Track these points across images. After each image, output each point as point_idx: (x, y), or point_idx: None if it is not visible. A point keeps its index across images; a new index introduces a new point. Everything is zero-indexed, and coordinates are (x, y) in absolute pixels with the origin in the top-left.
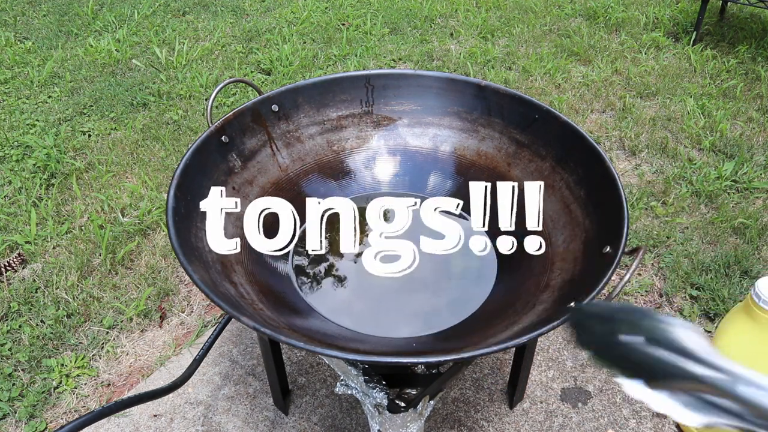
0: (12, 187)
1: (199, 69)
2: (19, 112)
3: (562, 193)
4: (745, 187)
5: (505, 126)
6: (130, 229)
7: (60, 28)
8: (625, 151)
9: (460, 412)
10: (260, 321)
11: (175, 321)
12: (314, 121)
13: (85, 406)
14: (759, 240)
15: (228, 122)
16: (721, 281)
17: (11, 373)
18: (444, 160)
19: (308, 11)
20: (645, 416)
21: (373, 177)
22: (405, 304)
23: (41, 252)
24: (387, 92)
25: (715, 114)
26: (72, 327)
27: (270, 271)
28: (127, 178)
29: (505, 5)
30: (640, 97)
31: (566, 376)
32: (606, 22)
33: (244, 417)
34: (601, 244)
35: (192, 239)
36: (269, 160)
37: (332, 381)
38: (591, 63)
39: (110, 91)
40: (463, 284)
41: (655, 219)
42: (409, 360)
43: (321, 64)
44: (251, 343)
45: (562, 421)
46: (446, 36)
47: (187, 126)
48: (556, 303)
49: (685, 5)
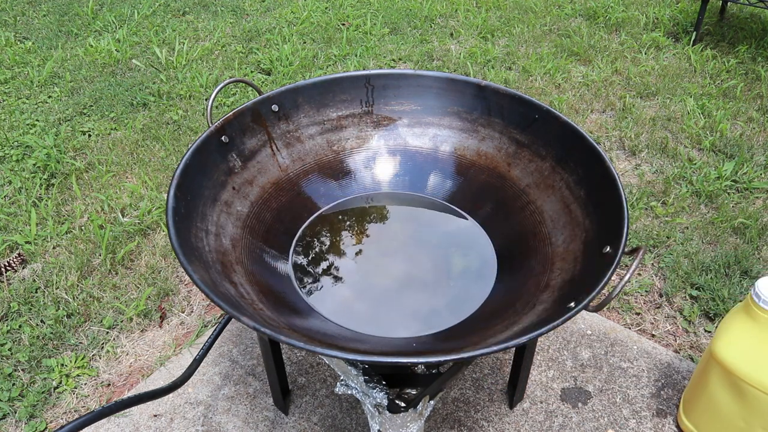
0: (12, 187)
1: (199, 69)
2: (19, 112)
3: (562, 193)
4: (745, 187)
5: (505, 126)
6: (130, 229)
7: (60, 28)
8: (625, 151)
9: (460, 412)
10: (260, 321)
11: (175, 321)
12: (314, 121)
13: (85, 406)
14: (759, 240)
15: (228, 122)
16: (721, 281)
17: (11, 373)
18: (444, 160)
19: (308, 11)
20: (645, 416)
21: (373, 177)
22: (405, 304)
23: (41, 252)
24: (387, 92)
25: (715, 114)
26: (72, 327)
27: (270, 271)
28: (127, 178)
29: (505, 5)
30: (640, 97)
31: (566, 376)
32: (606, 22)
33: (244, 417)
34: (601, 244)
35: (192, 239)
36: (269, 160)
37: (332, 381)
38: (591, 63)
39: (110, 91)
40: (463, 284)
41: (655, 219)
42: (409, 360)
43: (321, 64)
44: (251, 343)
45: (562, 421)
46: (446, 36)
47: (187, 126)
48: (556, 303)
49: (685, 5)
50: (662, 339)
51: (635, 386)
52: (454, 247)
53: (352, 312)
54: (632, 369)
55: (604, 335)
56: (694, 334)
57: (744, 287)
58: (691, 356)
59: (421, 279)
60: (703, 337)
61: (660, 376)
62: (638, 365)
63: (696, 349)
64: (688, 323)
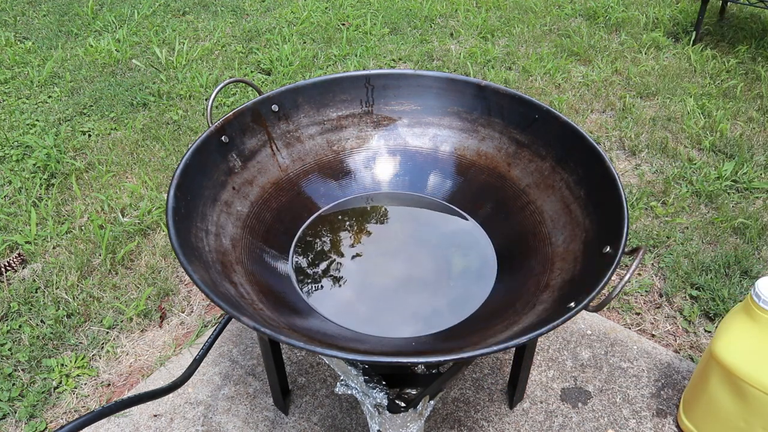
0: (12, 187)
1: (199, 69)
2: (19, 112)
3: (562, 193)
4: (745, 187)
5: (505, 126)
6: (130, 229)
7: (60, 28)
8: (625, 151)
9: (460, 412)
10: (260, 321)
11: (175, 321)
12: (314, 121)
13: (85, 406)
14: (759, 240)
15: (228, 122)
16: (721, 281)
17: (11, 373)
18: (444, 160)
19: (308, 11)
20: (645, 416)
21: (373, 177)
22: (405, 304)
23: (41, 252)
24: (387, 92)
25: (715, 114)
26: (72, 327)
27: (270, 271)
28: (127, 178)
29: (505, 5)
30: (640, 97)
31: (566, 376)
32: (606, 22)
33: (244, 417)
34: (601, 244)
35: (192, 239)
36: (269, 160)
37: (332, 381)
38: (591, 63)
39: (110, 91)
40: (463, 284)
41: (655, 219)
42: (409, 360)
43: (321, 64)
44: (251, 343)
45: (562, 421)
46: (446, 36)
47: (187, 126)
48: (556, 303)
49: (685, 5)
50: (662, 339)
51: (635, 386)
52: (454, 247)
53: (352, 312)
54: (632, 369)
55: (604, 335)
56: (694, 334)
57: (744, 287)
58: (691, 356)
59: (421, 279)
60: (703, 337)
61: (660, 376)
62: (638, 365)
63: (696, 349)
64: (688, 323)
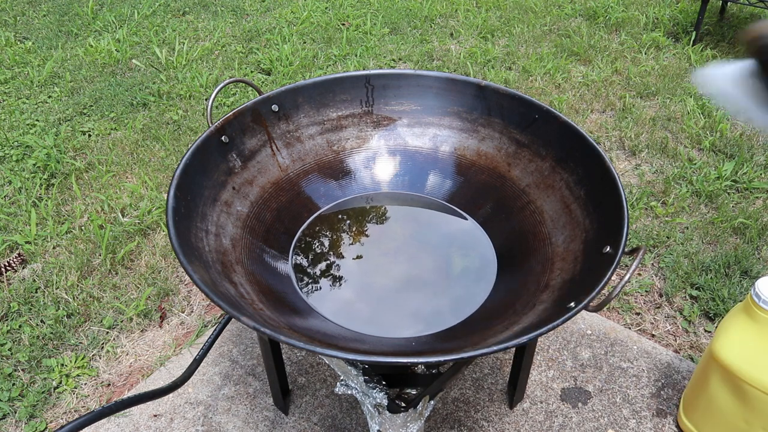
0: (12, 187)
1: (199, 69)
2: (19, 112)
3: (562, 193)
4: (745, 187)
5: (505, 126)
6: (130, 229)
7: (60, 28)
8: (625, 151)
9: (460, 412)
10: (260, 321)
11: (175, 321)
12: (314, 121)
13: (85, 406)
14: (759, 240)
15: (228, 122)
16: (721, 281)
17: (11, 373)
18: (444, 160)
19: (308, 11)
20: (645, 416)
21: (372, 177)
22: (405, 304)
23: (41, 252)
24: (387, 92)
25: (715, 114)
26: (72, 327)
27: (270, 271)
28: (127, 178)
29: (505, 5)
30: (640, 97)
31: (566, 376)
32: (606, 22)
33: (244, 417)
34: (601, 244)
35: (192, 239)
36: (269, 160)
37: (332, 381)
38: (591, 63)
39: (110, 91)
40: (463, 284)
41: (655, 219)
42: (409, 360)
43: (321, 64)
44: (251, 343)
45: (562, 421)
46: (446, 36)
47: (187, 126)
48: (556, 303)
49: (685, 5)
50: (662, 339)
51: (635, 386)
52: (454, 247)
53: (352, 312)
54: (632, 369)
55: (604, 335)
56: (694, 334)
57: (744, 287)
58: (691, 356)
59: (421, 279)
60: (703, 337)
61: (660, 376)
62: (638, 365)
63: (696, 349)
64: (688, 323)
